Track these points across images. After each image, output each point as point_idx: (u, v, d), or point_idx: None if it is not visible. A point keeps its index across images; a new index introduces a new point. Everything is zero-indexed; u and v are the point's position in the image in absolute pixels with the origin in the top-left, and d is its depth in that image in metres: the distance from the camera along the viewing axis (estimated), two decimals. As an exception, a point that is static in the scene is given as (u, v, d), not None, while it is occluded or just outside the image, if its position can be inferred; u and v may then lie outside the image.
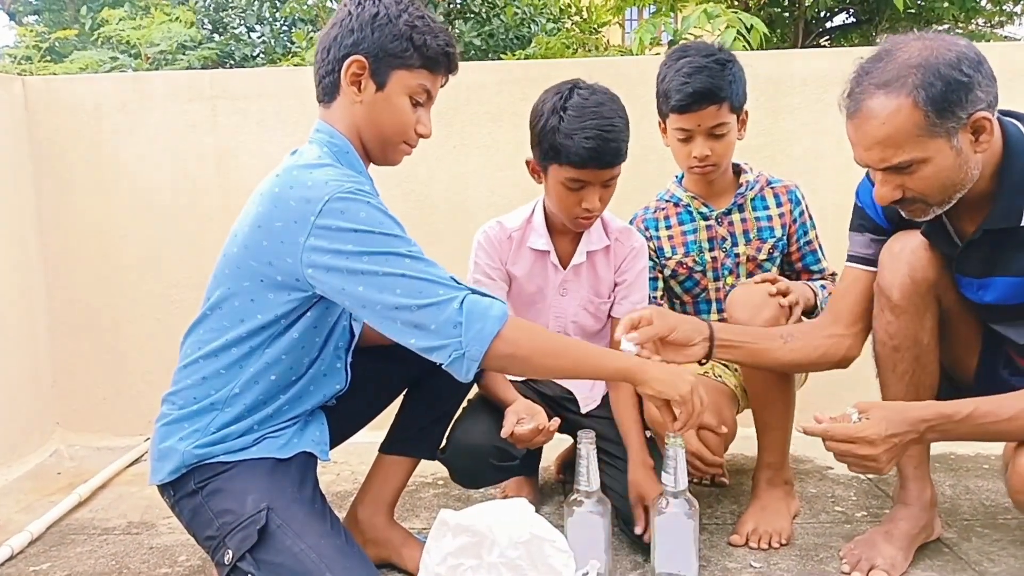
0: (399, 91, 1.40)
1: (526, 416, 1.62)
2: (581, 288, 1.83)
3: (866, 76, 1.33)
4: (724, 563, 1.62)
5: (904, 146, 1.28)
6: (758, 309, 1.66)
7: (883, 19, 5.10)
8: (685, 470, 1.44)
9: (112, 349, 2.56)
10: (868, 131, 1.32)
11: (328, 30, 1.41)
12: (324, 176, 1.30)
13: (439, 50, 1.40)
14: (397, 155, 1.49)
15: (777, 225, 1.90)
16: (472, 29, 5.51)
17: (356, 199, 1.28)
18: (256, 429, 1.42)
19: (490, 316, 1.25)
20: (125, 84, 2.56)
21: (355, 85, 1.39)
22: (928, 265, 1.48)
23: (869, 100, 1.30)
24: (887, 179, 1.35)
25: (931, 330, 1.53)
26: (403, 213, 2.48)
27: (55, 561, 1.73)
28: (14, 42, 6.05)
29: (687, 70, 1.73)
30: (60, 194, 2.52)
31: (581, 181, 1.63)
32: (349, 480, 2.13)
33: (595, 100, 1.62)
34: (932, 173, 1.30)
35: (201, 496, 1.37)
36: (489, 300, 1.27)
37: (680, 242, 1.93)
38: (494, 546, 1.33)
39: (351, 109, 1.41)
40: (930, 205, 1.36)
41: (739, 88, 1.76)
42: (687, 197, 1.92)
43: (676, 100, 1.74)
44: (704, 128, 1.76)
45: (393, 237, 1.28)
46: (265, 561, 1.28)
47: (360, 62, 1.37)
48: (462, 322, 1.23)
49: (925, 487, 1.61)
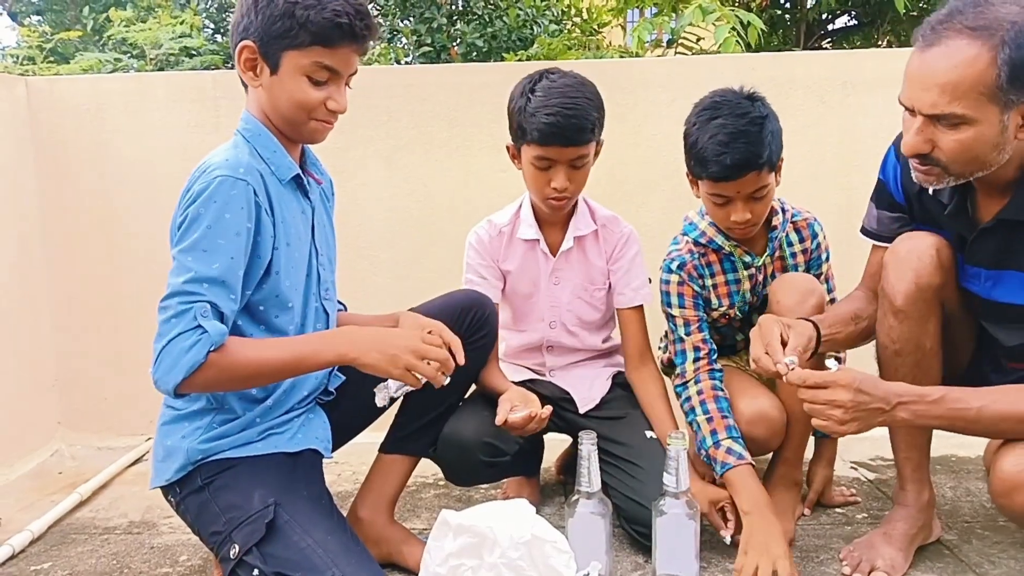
0: (293, 72, 1.36)
1: (519, 404, 1.64)
2: (573, 275, 1.85)
3: (958, 14, 1.22)
4: (725, 564, 1.62)
5: (963, 99, 1.21)
6: (805, 296, 1.64)
7: (885, 22, 5.09)
8: (687, 471, 1.44)
9: (114, 349, 2.57)
10: (935, 69, 1.22)
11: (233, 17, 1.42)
12: (210, 161, 1.33)
13: (326, 23, 1.33)
14: (314, 133, 1.43)
15: (801, 261, 1.83)
16: (475, 30, 5.51)
17: (211, 187, 1.28)
18: (259, 422, 1.43)
19: (180, 364, 1.22)
20: (128, 84, 2.56)
21: (251, 71, 1.38)
22: (935, 271, 1.47)
23: (952, 38, 1.21)
24: (924, 128, 1.27)
25: (934, 335, 1.51)
26: (406, 212, 2.53)
27: (56, 560, 1.74)
28: (16, 42, 6.06)
29: (723, 137, 1.58)
30: (63, 194, 2.52)
31: (547, 159, 1.67)
32: (350, 480, 2.13)
33: (562, 83, 1.67)
34: (969, 139, 1.24)
35: (208, 492, 1.37)
36: (196, 339, 1.23)
37: (725, 292, 1.82)
38: (495, 547, 1.33)
39: (256, 93, 1.41)
40: (949, 174, 1.31)
41: (777, 146, 1.63)
42: (729, 246, 1.77)
43: (714, 171, 1.60)
44: (744, 194, 1.63)
45: (203, 237, 1.28)
46: (272, 555, 1.28)
47: (250, 47, 1.36)
48: (157, 357, 1.24)
49: (923, 488, 1.61)
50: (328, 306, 1.55)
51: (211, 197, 1.28)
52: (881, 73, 2.45)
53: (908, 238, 1.52)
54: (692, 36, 4.10)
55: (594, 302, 1.88)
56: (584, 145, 1.67)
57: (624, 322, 1.86)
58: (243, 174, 1.31)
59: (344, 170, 2.39)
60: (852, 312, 1.61)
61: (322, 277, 1.52)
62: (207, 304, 1.25)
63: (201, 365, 1.23)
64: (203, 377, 1.24)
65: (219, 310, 1.27)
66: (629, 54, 4.32)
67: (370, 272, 2.51)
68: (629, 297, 1.84)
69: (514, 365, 1.93)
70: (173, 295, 1.25)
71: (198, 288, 1.25)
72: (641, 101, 2.49)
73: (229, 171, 1.30)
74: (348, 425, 1.63)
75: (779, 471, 1.78)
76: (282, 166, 1.42)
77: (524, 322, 1.91)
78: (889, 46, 5.44)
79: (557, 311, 1.87)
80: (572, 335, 1.90)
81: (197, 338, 1.23)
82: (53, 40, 4.08)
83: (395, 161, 2.51)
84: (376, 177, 2.50)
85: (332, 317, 1.56)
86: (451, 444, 1.66)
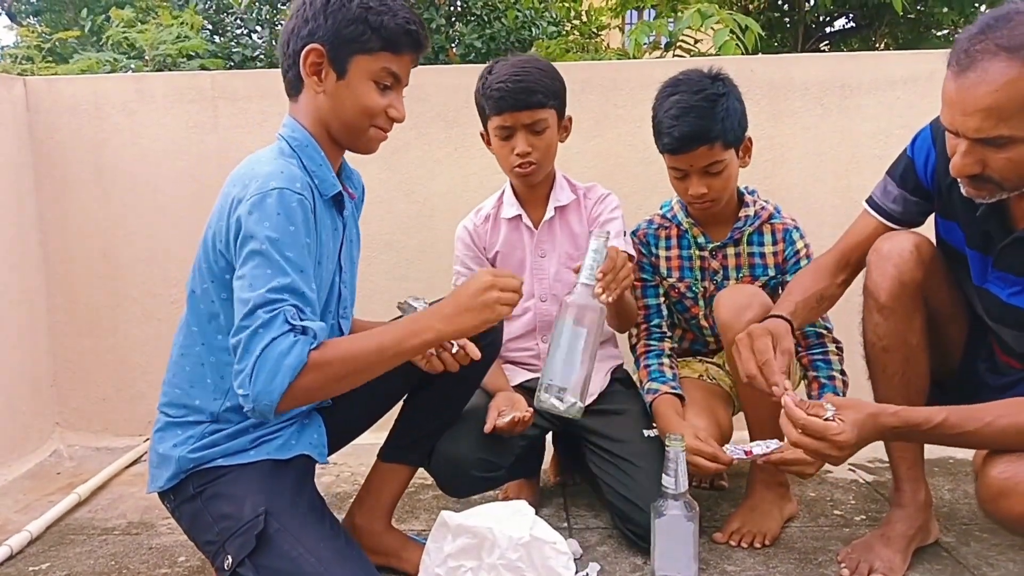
0: (361, 77, 1.35)
1: (506, 408, 1.66)
2: (558, 246, 1.88)
3: (990, 33, 1.17)
4: (723, 566, 1.62)
5: (1010, 120, 1.17)
6: (741, 311, 1.65)
7: (883, 24, 5.10)
8: (686, 472, 1.44)
9: (112, 349, 2.56)
10: (976, 94, 1.18)
11: (287, 22, 1.39)
12: (260, 170, 1.28)
13: (399, 29, 1.34)
14: (370, 142, 1.43)
15: (771, 264, 1.86)
16: (473, 32, 5.52)
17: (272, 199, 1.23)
18: (251, 431, 1.41)
19: (283, 368, 1.16)
20: (126, 84, 2.56)
21: (315, 75, 1.35)
22: (916, 267, 1.49)
23: (988, 61, 1.16)
24: (972, 150, 1.23)
25: (919, 331, 1.53)
26: (404, 214, 2.52)
27: (54, 561, 1.73)
28: (15, 42, 6.06)
29: (675, 111, 1.68)
30: (61, 194, 2.52)
31: (506, 128, 1.75)
32: (349, 481, 2.13)
33: (514, 59, 1.77)
34: (1021, 156, 1.20)
35: (200, 501, 1.37)
36: (293, 339, 1.18)
37: (676, 265, 1.91)
38: (494, 548, 1.33)
39: (315, 101, 1.38)
40: (1004, 189, 1.28)
41: (732, 123, 1.69)
42: (687, 223, 1.87)
43: (665, 143, 1.71)
44: (697, 168, 1.71)
45: (279, 246, 1.23)
46: (264, 566, 1.28)
47: (317, 51, 1.33)
48: (252, 372, 1.17)
49: (919, 488, 1.61)
50: (344, 324, 1.53)
51: (276, 209, 1.24)
52: (879, 75, 2.46)
53: (889, 237, 1.53)
54: (690, 39, 4.10)
55: None
56: (536, 108, 1.72)
57: None
58: (300, 188, 1.27)
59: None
60: (817, 293, 1.63)
61: (343, 295, 1.50)
62: (293, 308, 1.21)
63: (304, 367, 1.18)
64: (306, 381, 1.19)
65: (303, 316, 1.22)
66: (627, 57, 4.32)
67: (368, 273, 2.51)
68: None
69: (511, 365, 1.93)
70: (254, 309, 1.19)
71: (279, 295, 1.20)
72: (639, 103, 2.49)
73: (287, 184, 1.26)
74: (346, 428, 1.62)
75: (758, 476, 1.78)
76: (326, 182, 1.39)
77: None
78: (887, 48, 5.45)
79: (546, 283, 1.89)
80: None
81: (295, 338, 1.18)
82: (51, 40, 4.08)
83: (393, 162, 2.51)
84: (374, 178, 2.49)
85: (346, 334, 1.55)
86: (446, 461, 1.66)
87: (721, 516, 1.86)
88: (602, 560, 1.65)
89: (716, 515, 1.87)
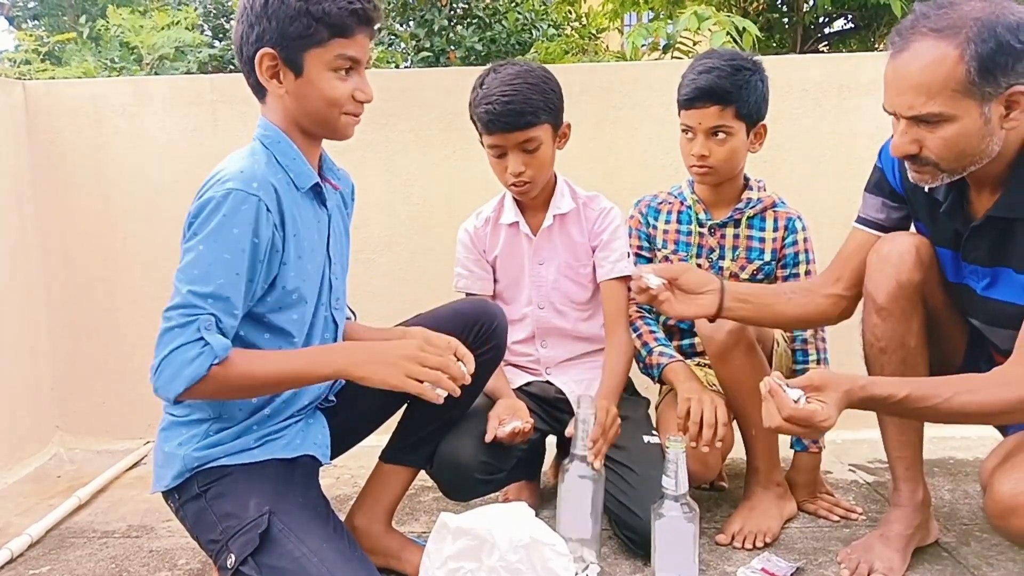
0: (319, 70, 1.34)
1: (507, 417, 1.66)
2: (557, 254, 1.88)
3: (923, 19, 1.28)
4: (723, 567, 1.62)
5: (937, 97, 1.25)
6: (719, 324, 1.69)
7: (881, 25, 5.11)
8: (686, 474, 1.44)
9: (112, 352, 2.56)
10: (907, 73, 1.29)
11: (235, 28, 1.38)
12: (223, 170, 1.32)
13: (343, 12, 1.31)
14: (346, 128, 1.41)
15: (768, 249, 1.88)
16: (474, 34, 5.54)
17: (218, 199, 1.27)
18: (255, 429, 1.42)
19: (181, 375, 1.22)
20: (125, 87, 2.56)
21: (274, 78, 1.35)
22: (914, 268, 1.49)
23: (918, 42, 1.27)
24: (908, 130, 1.32)
25: (918, 333, 1.54)
26: (402, 217, 2.53)
27: (55, 564, 1.73)
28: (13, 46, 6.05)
29: (700, 68, 1.76)
30: (60, 197, 2.52)
31: (498, 146, 1.74)
32: (349, 484, 2.13)
33: (506, 72, 1.72)
34: (953, 135, 1.28)
35: (205, 500, 1.37)
36: (198, 351, 1.22)
37: (672, 239, 1.94)
38: (494, 550, 1.33)
39: (281, 101, 1.38)
40: (941, 171, 1.33)
41: (750, 96, 1.75)
42: (691, 199, 1.92)
43: (681, 95, 1.78)
44: (705, 127, 1.76)
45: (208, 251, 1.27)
46: (267, 565, 1.28)
47: (270, 54, 1.33)
48: (158, 367, 1.23)
49: (917, 488, 1.61)
50: (337, 315, 1.54)
51: (220, 209, 1.27)
52: (878, 76, 2.38)
53: (889, 239, 1.54)
54: (688, 41, 4.11)
55: (580, 279, 1.89)
56: (527, 128, 1.70)
57: (604, 295, 1.88)
58: (256, 189, 1.29)
59: (342, 173, 2.39)
60: (787, 289, 1.69)
61: (334, 287, 1.51)
62: (211, 317, 1.25)
63: (203, 378, 1.23)
64: (203, 388, 1.25)
65: (221, 324, 1.27)
66: (626, 59, 4.33)
67: (367, 275, 2.51)
68: (607, 270, 1.86)
69: (511, 367, 1.93)
70: (176, 307, 1.25)
71: (201, 302, 1.24)
72: (637, 104, 2.50)
73: (242, 185, 1.28)
74: (349, 431, 1.62)
75: (754, 477, 1.80)
76: (301, 174, 1.40)
77: (514, 307, 1.91)
78: (885, 49, 5.46)
79: (543, 291, 1.88)
80: (561, 315, 1.89)
81: (200, 351, 1.23)
82: (49, 43, 4.08)
83: (393, 164, 2.51)
84: (374, 180, 2.50)
85: (341, 327, 1.56)
86: (447, 464, 1.65)
87: (721, 517, 1.86)
88: (602, 561, 1.64)
89: (716, 516, 1.87)
